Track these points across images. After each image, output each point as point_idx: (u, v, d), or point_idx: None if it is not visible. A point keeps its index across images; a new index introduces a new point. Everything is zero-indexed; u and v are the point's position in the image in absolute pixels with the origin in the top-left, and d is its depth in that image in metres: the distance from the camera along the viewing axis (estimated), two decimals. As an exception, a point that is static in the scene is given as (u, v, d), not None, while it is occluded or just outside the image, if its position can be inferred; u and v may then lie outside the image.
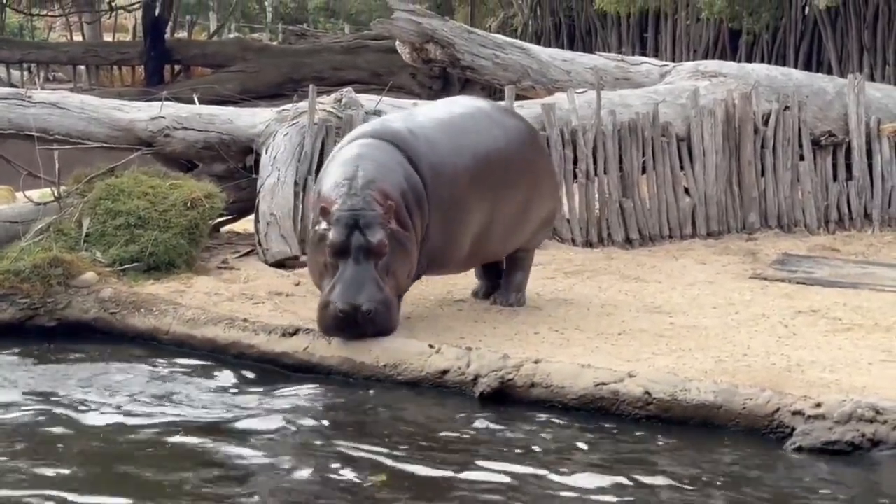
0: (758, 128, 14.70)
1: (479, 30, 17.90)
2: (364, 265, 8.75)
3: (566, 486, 6.80)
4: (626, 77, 16.04)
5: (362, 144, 9.43)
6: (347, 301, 8.66)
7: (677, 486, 6.78)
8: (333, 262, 8.82)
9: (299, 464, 7.16)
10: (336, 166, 9.25)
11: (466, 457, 7.31)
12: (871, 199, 15.08)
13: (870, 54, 22.61)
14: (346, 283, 8.72)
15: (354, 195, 8.90)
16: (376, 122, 10.34)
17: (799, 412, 7.34)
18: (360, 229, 8.76)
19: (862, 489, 6.81)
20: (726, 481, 6.88)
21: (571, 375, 8.10)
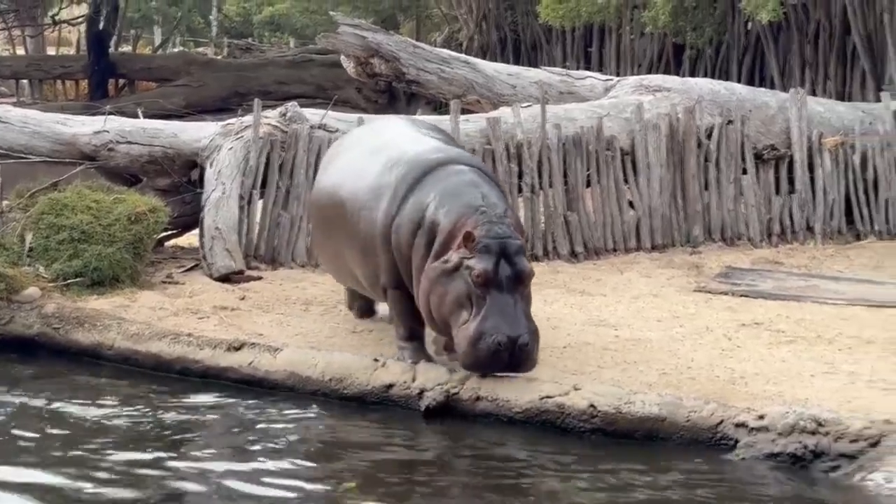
0: (701, 142, 14.78)
1: (424, 44, 17.91)
2: (513, 295, 8.14)
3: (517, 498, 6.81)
4: (571, 91, 16.11)
5: (460, 171, 8.83)
6: (509, 333, 8.00)
7: (618, 500, 6.80)
8: (480, 292, 8.11)
9: (258, 478, 7.12)
10: (448, 193, 8.60)
11: (412, 465, 7.31)
12: (813, 212, 15.19)
13: (811, 69, 22.79)
14: (502, 314, 8.05)
15: (498, 223, 8.29)
16: (445, 149, 9.59)
17: (742, 424, 7.37)
18: (507, 258, 8.16)
19: (804, 501, 6.85)
20: (668, 493, 6.90)
21: (517, 389, 8.11)
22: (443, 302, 8.29)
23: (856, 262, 13.84)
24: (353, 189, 9.32)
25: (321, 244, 10.28)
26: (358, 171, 9.40)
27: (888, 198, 15.56)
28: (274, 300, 11.30)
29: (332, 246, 9.75)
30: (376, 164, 9.24)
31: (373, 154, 9.45)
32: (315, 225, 10.40)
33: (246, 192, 12.83)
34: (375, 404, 8.43)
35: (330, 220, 9.64)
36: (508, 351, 7.98)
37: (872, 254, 14.34)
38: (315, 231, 10.47)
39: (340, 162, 9.83)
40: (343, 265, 9.66)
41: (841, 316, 10.86)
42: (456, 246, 8.26)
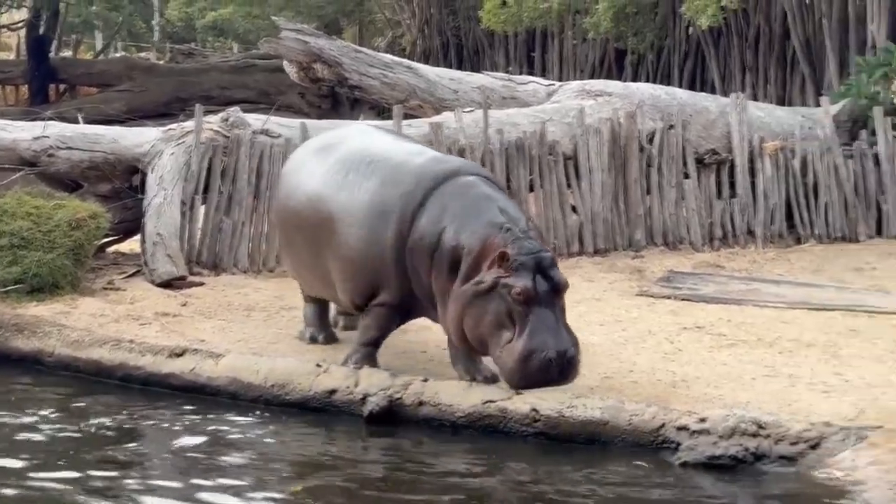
0: (643, 146, 14.85)
1: (366, 49, 17.91)
2: (553, 309, 8.05)
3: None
4: (514, 96, 16.14)
5: (470, 184, 8.66)
6: (557, 348, 7.91)
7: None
8: (521, 310, 7.97)
9: (200, 486, 7.08)
10: (466, 212, 8.41)
11: (360, 471, 7.30)
12: (754, 216, 15.29)
13: (752, 74, 22.95)
14: (547, 330, 7.96)
15: (526, 238, 8.17)
16: (445, 158, 9.54)
17: (684, 427, 7.40)
18: (542, 272, 8.06)
19: (745, 503, 6.89)
20: (610, 497, 6.92)
21: (460, 393, 8.11)
22: (480, 323, 8.13)
23: (796, 265, 13.94)
24: (344, 203, 8.99)
25: (291, 254, 9.91)
26: (346, 184, 9.06)
27: (828, 202, 15.68)
28: (216, 306, 11.27)
29: (309, 258, 9.45)
30: (372, 176, 8.95)
31: (362, 164, 9.11)
32: (285, 235, 9.94)
33: (188, 198, 12.78)
34: (318, 410, 8.41)
35: (308, 233, 9.34)
36: (558, 366, 7.92)
37: (813, 257, 14.45)
38: (285, 241, 10.03)
39: (317, 170, 9.43)
40: (320, 278, 9.41)
41: (781, 319, 10.94)
42: (487, 266, 8.11)
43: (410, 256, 8.53)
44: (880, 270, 13.77)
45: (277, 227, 10.06)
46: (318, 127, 13.89)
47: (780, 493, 6.89)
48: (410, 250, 8.53)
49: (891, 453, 6.70)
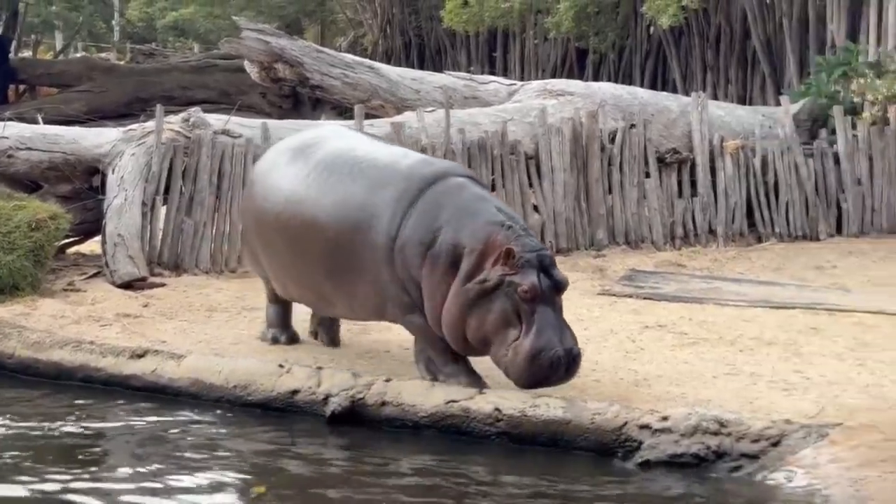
0: (604, 146, 14.88)
1: (328, 49, 17.88)
2: (555, 306, 8.07)
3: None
4: (475, 96, 16.16)
5: (462, 185, 8.60)
6: (565, 346, 7.92)
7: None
8: (528, 307, 7.96)
9: (163, 488, 7.05)
10: (463, 211, 8.36)
11: (322, 472, 7.29)
12: (715, 215, 15.35)
13: (713, 73, 23.05)
14: (554, 327, 7.97)
15: (527, 236, 8.20)
16: (432, 160, 9.53)
17: (646, 426, 7.41)
18: (545, 270, 8.06)
19: (707, 501, 6.91)
20: (571, 495, 6.93)
21: (422, 393, 8.10)
22: (485, 322, 8.08)
23: (757, 264, 14.01)
24: (331, 208, 8.84)
25: (266, 256, 9.59)
26: (330, 187, 8.90)
27: (788, 200, 15.76)
28: (178, 307, 11.23)
29: (289, 261, 9.24)
30: (358, 179, 8.82)
31: (346, 167, 8.96)
32: (260, 236, 9.59)
33: (149, 199, 12.74)
34: (281, 410, 8.38)
35: (289, 236, 9.13)
36: (565, 365, 7.93)
37: (773, 256, 14.52)
38: (259, 242, 9.64)
39: (296, 172, 9.22)
40: (300, 281, 9.26)
41: (742, 317, 10.98)
42: (490, 265, 8.06)
43: (400, 257, 8.42)
44: (840, 269, 13.85)
45: (250, 227, 9.77)
46: (279, 127, 13.87)
47: (741, 491, 6.91)
48: (399, 250, 8.42)
49: (851, 450, 6.74)
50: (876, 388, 8.69)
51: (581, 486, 7.09)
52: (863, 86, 16.74)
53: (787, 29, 21.14)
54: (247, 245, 10.25)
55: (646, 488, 7.05)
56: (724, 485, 7.01)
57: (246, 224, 9.97)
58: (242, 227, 10.26)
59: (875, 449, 6.67)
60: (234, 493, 7.02)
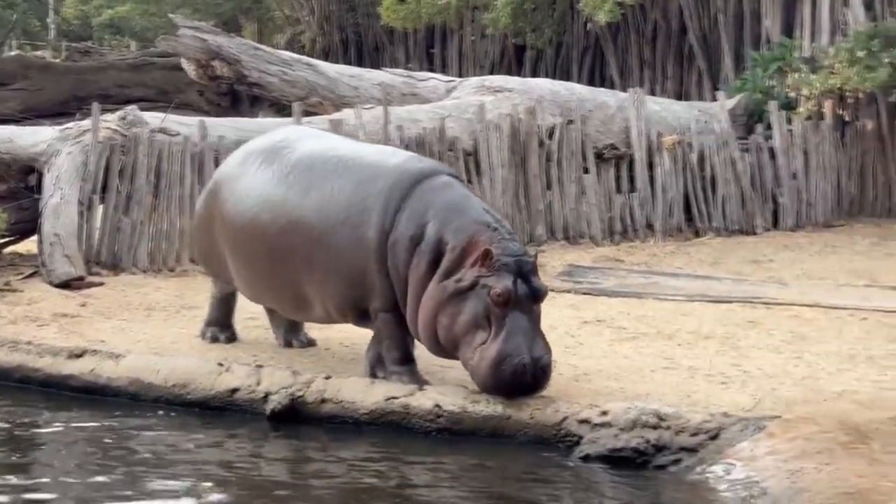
0: (543, 142, 14.94)
1: (266, 46, 17.85)
2: (530, 315, 7.88)
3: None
4: (414, 92, 16.18)
5: (450, 183, 8.50)
6: (531, 355, 7.73)
7: (464, 499, 6.83)
8: (499, 312, 7.80)
9: (103, 490, 7.00)
10: (450, 208, 8.25)
11: (262, 471, 7.27)
12: (653, 210, 15.45)
13: (649, 69, 23.15)
14: (524, 334, 7.78)
15: (511, 240, 8.06)
16: (419, 157, 9.29)
17: (586, 420, 7.44)
18: (523, 277, 7.88)
19: (646, 494, 6.94)
20: (511, 491, 6.95)
21: (363, 390, 8.09)
22: (455, 322, 7.94)
23: (695, 258, 14.10)
24: (315, 207, 8.66)
25: (234, 261, 9.33)
26: (313, 186, 8.74)
27: (725, 195, 15.89)
28: (116, 306, 11.17)
29: (265, 267, 9.01)
30: (344, 177, 8.67)
31: (329, 166, 8.80)
32: (230, 242, 9.32)
33: (86, 198, 12.66)
34: (221, 409, 8.35)
35: (267, 241, 8.90)
36: (531, 373, 7.72)
37: (711, 250, 14.62)
38: (229, 248, 9.36)
39: (270, 175, 9.02)
40: (277, 287, 9.05)
41: (681, 311, 11.05)
42: (469, 264, 7.95)
43: (392, 253, 8.32)
44: (777, 262, 13.97)
45: (214, 234, 9.47)
46: (217, 124, 13.83)
47: (681, 484, 6.95)
48: (392, 246, 8.31)
49: (788, 442, 6.79)
50: (812, 381, 8.77)
51: (521, 481, 7.11)
52: (798, 81, 16.89)
53: (722, 24, 21.28)
54: (205, 251, 9.87)
55: (586, 483, 7.08)
56: (664, 478, 7.05)
57: (208, 231, 9.61)
58: (201, 234, 9.82)
59: (811, 441, 6.73)
60: (172, 491, 6.99)
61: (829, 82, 16.52)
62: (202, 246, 9.91)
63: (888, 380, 8.83)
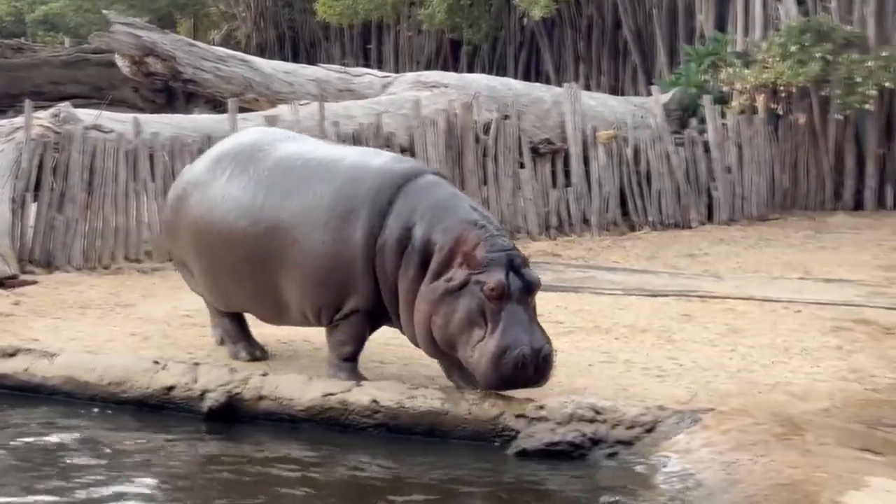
0: (479, 137, 14.97)
1: (200, 43, 17.79)
2: (525, 307, 7.83)
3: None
4: (349, 88, 16.16)
5: (435, 183, 8.45)
6: (532, 346, 7.68)
7: (396, 495, 6.84)
8: (494, 306, 7.74)
9: (35, 492, 6.95)
10: (437, 208, 8.17)
11: (198, 469, 7.24)
12: (589, 204, 15.51)
13: (585, 64, 23.25)
14: (522, 326, 7.74)
15: (500, 236, 8.02)
16: (401, 158, 9.30)
17: (522, 415, 7.46)
18: (515, 270, 7.83)
19: (582, 487, 6.97)
20: (447, 486, 6.95)
21: (300, 387, 8.06)
22: (450, 322, 7.89)
23: (631, 252, 14.18)
24: (298, 210, 8.51)
25: (209, 268, 9.13)
26: (293, 189, 8.57)
27: (660, 189, 15.98)
28: (50, 304, 11.09)
29: (243, 272, 8.80)
30: (326, 179, 8.52)
31: (309, 168, 8.66)
32: (203, 248, 9.08)
33: (19, 195, 12.56)
34: (157, 407, 8.30)
35: (246, 246, 8.70)
36: (533, 364, 7.66)
37: (647, 244, 14.71)
38: (200, 255, 9.14)
39: (245, 178, 8.83)
40: (255, 293, 8.86)
41: (617, 305, 11.11)
42: (458, 263, 7.90)
43: (380, 256, 8.22)
44: (712, 256, 14.07)
45: (183, 243, 9.27)
46: (151, 121, 13.75)
47: (617, 477, 6.99)
48: (381, 249, 8.21)
49: (723, 434, 6.84)
50: (746, 373, 8.85)
51: (459, 475, 7.12)
52: (731, 75, 17.02)
53: (656, 19, 21.41)
54: (176, 260, 9.69)
55: (523, 477, 7.10)
56: (600, 471, 7.08)
57: (177, 240, 9.39)
58: (170, 243, 9.61)
59: (746, 433, 6.78)
60: (108, 492, 6.95)
61: (762, 76, 16.65)
62: (174, 255, 9.72)
63: (821, 371, 8.94)
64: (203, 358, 9.09)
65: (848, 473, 6.09)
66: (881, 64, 16.64)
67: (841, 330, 10.24)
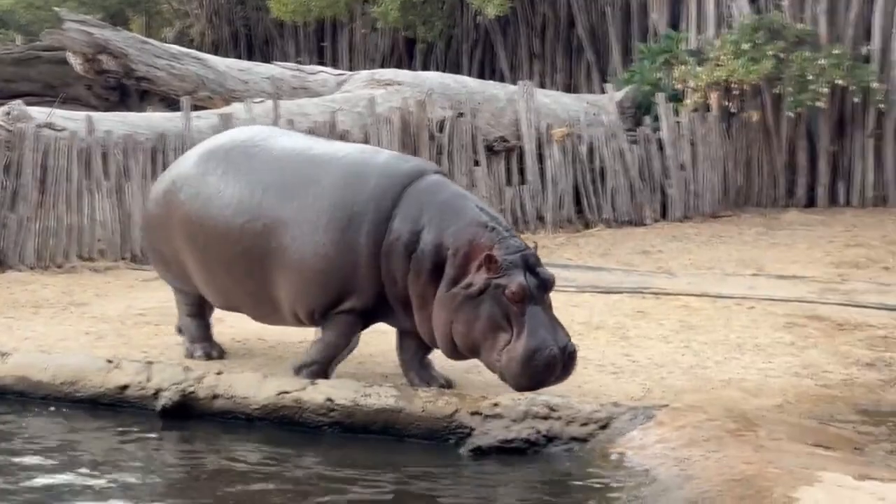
0: (433, 134, 14.98)
1: (153, 40, 17.70)
2: (544, 305, 7.86)
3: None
4: (304, 86, 16.14)
5: (440, 183, 8.34)
6: (559, 344, 7.73)
7: (349, 493, 6.84)
8: (517, 309, 7.74)
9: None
10: (445, 211, 8.08)
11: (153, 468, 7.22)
12: (543, 202, 15.55)
13: (539, 61, 23.28)
14: (546, 326, 7.76)
15: (511, 236, 7.96)
16: (401, 156, 9.22)
17: (477, 412, 7.47)
18: (531, 270, 7.83)
19: (536, 484, 6.99)
20: (401, 483, 6.96)
21: (254, 385, 8.05)
22: (473, 328, 7.85)
23: (585, 249, 14.21)
24: (298, 209, 8.35)
25: (200, 265, 8.92)
26: (292, 188, 8.41)
27: (614, 186, 16.02)
28: (2, 304, 11.04)
29: (236, 270, 8.64)
30: (327, 178, 8.38)
31: (306, 166, 8.52)
32: (195, 245, 8.88)
33: (-30, 194, 12.49)
34: (111, 406, 8.26)
35: (243, 243, 8.53)
36: (561, 362, 7.73)
37: (601, 241, 14.74)
38: (193, 251, 8.92)
39: (241, 176, 8.66)
40: (248, 292, 8.72)
41: (571, 303, 11.12)
42: (475, 268, 7.85)
43: (387, 259, 8.12)
44: (666, 253, 14.13)
45: (172, 239, 9.05)
46: (104, 119, 13.70)
47: (572, 474, 7.01)
48: (387, 252, 8.11)
49: (676, 430, 6.87)
50: (700, 370, 8.90)
51: (413, 473, 7.12)
52: (684, 73, 17.09)
53: (610, 17, 21.46)
54: (162, 257, 9.38)
55: (478, 473, 7.11)
56: (555, 468, 7.10)
57: (167, 238, 9.17)
58: (157, 239, 9.34)
59: (699, 429, 6.82)
60: (61, 493, 6.91)
61: (716, 74, 16.73)
62: (158, 251, 9.43)
63: (774, 367, 9.00)
64: (157, 356, 9.06)
65: (800, 468, 6.13)
66: (833, 62, 16.75)
67: (794, 326, 10.30)
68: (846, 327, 10.26)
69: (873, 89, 17.15)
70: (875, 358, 9.28)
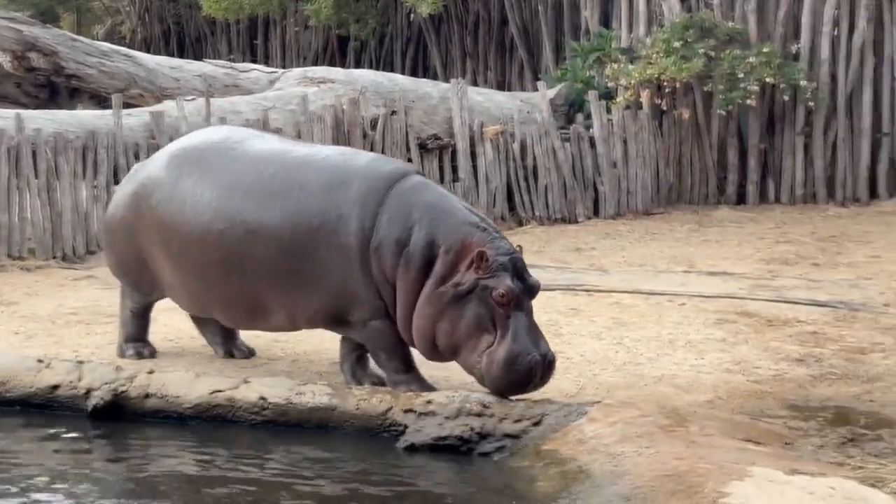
0: (366, 132, 14.97)
1: (84, 38, 17.58)
2: (528, 311, 7.77)
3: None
4: (236, 84, 16.09)
5: (425, 184, 8.29)
6: (540, 352, 7.61)
7: (290, 487, 6.83)
8: (503, 312, 7.65)
9: None
10: (436, 210, 8.01)
11: (83, 469, 7.17)
12: (476, 199, 15.56)
13: (472, 59, 23.34)
14: (529, 332, 7.66)
15: (500, 238, 7.89)
16: (385, 157, 9.15)
17: (410, 410, 7.47)
18: (518, 274, 7.75)
19: (469, 481, 7.00)
20: (334, 481, 6.95)
21: (187, 384, 8.00)
22: (458, 327, 7.77)
23: (518, 246, 14.21)
24: (280, 214, 8.22)
25: (176, 271, 8.76)
26: (273, 191, 8.28)
27: (547, 184, 16.08)
28: (-70, 304, 10.93)
29: (215, 276, 8.50)
30: (309, 181, 8.25)
31: (286, 169, 8.35)
32: (177, 260, 8.70)
33: None
34: (42, 406, 8.19)
35: (223, 249, 8.38)
36: (541, 369, 7.63)
37: (534, 238, 14.78)
38: (168, 256, 8.76)
39: (217, 178, 8.48)
40: (246, 301, 8.52)
41: (504, 300, 11.12)
42: (465, 267, 7.76)
43: (377, 257, 8.03)
44: (598, 250, 14.19)
45: (148, 243, 8.86)
46: (34, 117, 13.58)
47: (505, 470, 7.03)
48: (376, 251, 8.03)
49: (609, 427, 6.90)
50: (633, 366, 8.95)
51: (346, 470, 7.11)
52: (616, 71, 17.18)
53: (542, 16, 21.54)
54: (125, 261, 9.20)
55: (411, 471, 7.11)
56: (488, 465, 7.11)
57: (131, 240, 9.00)
58: (120, 242, 9.14)
59: (632, 425, 6.85)
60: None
61: (647, 72, 16.83)
62: (121, 255, 9.23)
63: (706, 364, 9.06)
64: (89, 356, 9.00)
65: (731, 464, 6.18)
66: (762, 60, 16.89)
67: (725, 322, 10.38)
68: (776, 323, 10.35)
69: (802, 87, 17.33)
70: (805, 354, 9.36)
